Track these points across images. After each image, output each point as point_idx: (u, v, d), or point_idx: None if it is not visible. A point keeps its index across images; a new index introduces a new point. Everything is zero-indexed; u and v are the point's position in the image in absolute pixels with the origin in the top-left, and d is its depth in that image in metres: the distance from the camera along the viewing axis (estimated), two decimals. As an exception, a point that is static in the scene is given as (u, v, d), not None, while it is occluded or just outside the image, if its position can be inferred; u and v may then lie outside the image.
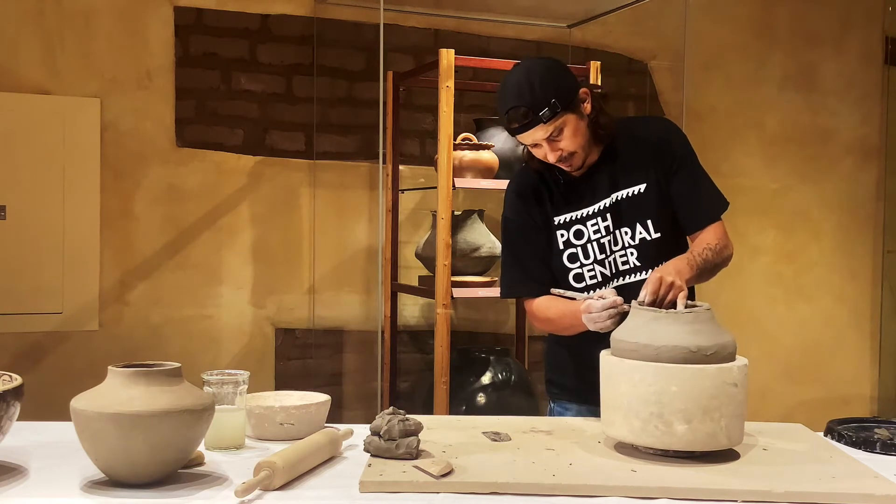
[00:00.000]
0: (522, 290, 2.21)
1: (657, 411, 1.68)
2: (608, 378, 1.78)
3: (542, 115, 1.99)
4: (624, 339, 1.77)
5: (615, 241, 2.12)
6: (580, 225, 2.14)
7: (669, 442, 1.69)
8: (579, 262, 2.15)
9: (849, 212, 4.67)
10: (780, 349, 4.57)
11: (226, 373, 1.85)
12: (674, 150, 2.13)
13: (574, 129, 2.04)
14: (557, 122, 2.01)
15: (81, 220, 3.61)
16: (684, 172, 2.12)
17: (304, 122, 3.92)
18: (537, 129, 2.01)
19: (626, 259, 2.11)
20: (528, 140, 2.05)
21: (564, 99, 2.01)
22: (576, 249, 2.15)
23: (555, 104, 2.00)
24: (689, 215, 2.12)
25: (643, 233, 2.10)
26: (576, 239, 2.15)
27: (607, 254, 2.13)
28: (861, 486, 1.58)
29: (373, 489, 1.55)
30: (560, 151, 2.05)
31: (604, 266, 2.13)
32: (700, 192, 2.13)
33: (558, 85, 2.02)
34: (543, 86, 2.00)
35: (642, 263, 2.10)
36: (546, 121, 2.00)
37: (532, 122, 2.00)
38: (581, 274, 2.15)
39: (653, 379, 1.69)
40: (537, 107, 1.99)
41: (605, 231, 2.12)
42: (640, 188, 2.10)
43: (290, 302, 3.93)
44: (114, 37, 3.66)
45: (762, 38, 4.57)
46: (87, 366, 3.46)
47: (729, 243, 2.10)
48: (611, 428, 1.77)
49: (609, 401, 1.77)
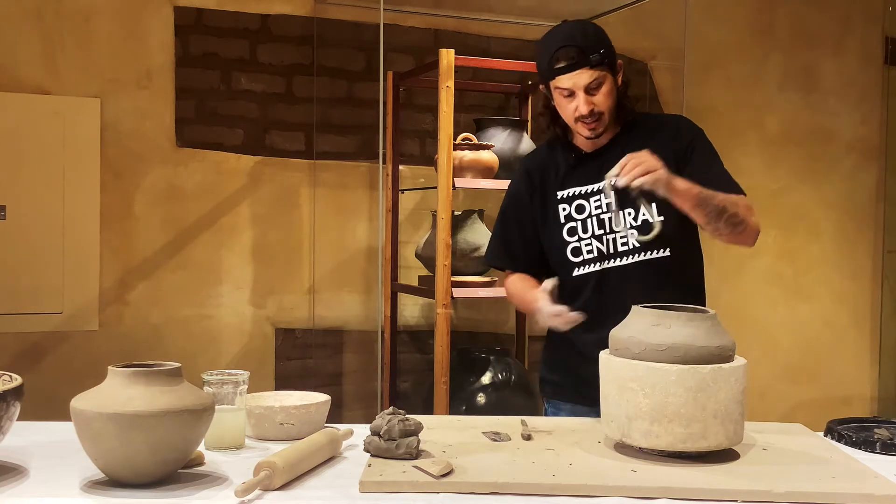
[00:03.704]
0: (499, 263, 2.36)
1: (657, 411, 1.68)
2: (608, 378, 1.78)
3: (592, 58, 2.06)
4: (624, 339, 1.77)
5: (617, 220, 2.13)
6: (583, 200, 2.17)
7: (669, 442, 1.69)
8: (577, 237, 2.17)
9: (849, 212, 4.67)
10: (780, 349, 4.57)
11: (226, 373, 1.85)
12: (690, 140, 2.16)
13: (609, 90, 2.11)
14: (601, 73, 2.08)
15: (81, 220, 3.61)
16: (698, 163, 2.13)
17: (304, 122, 3.92)
18: (583, 71, 2.06)
19: (627, 240, 2.13)
20: (569, 83, 2.08)
21: (610, 55, 2.10)
22: (576, 223, 2.17)
23: (603, 53, 2.07)
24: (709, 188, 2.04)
25: (646, 214, 2.10)
26: (577, 213, 2.18)
27: (606, 230, 2.15)
28: (861, 486, 1.58)
29: (373, 489, 1.55)
30: (593, 106, 2.09)
31: (601, 242, 2.15)
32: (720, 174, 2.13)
33: (607, 41, 2.12)
34: (596, 35, 2.10)
35: (641, 244, 2.11)
36: (593, 65, 2.06)
37: (580, 62, 2.06)
38: (578, 248, 2.17)
39: (653, 379, 1.69)
40: (589, 49, 2.06)
41: (607, 208, 2.14)
42: None
43: (290, 302, 3.93)
44: (114, 37, 3.66)
45: (762, 38, 4.57)
46: (87, 366, 3.45)
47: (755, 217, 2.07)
48: (611, 428, 1.77)
49: (609, 401, 1.77)
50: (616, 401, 1.74)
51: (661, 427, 1.68)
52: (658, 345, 1.71)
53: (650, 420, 1.69)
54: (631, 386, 1.71)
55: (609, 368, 1.78)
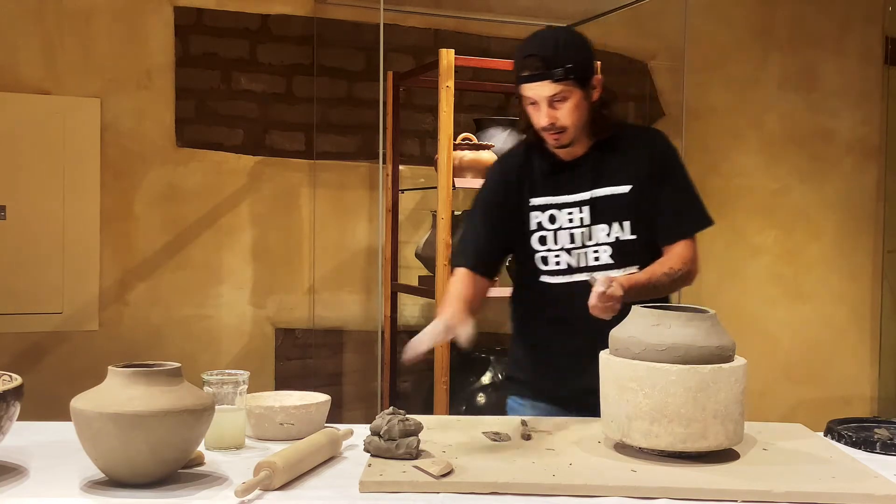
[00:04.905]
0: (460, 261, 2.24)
1: (657, 411, 1.68)
2: (609, 378, 1.78)
3: (555, 72, 2.02)
4: (624, 339, 1.77)
5: (590, 235, 2.12)
6: (555, 210, 2.15)
7: (669, 442, 1.69)
8: (547, 247, 2.16)
9: (849, 212, 4.67)
10: (780, 349, 4.57)
11: (226, 373, 1.85)
12: (664, 162, 2.14)
13: (575, 104, 2.06)
14: (564, 87, 2.03)
15: (81, 220, 3.61)
16: (669, 185, 2.13)
17: (304, 122, 3.92)
18: (544, 84, 2.03)
19: (599, 255, 2.12)
20: (532, 93, 2.06)
21: (579, 70, 2.05)
22: (546, 233, 2.16)
23: (569, 69, 2.03)
24: (664, 228, 2.13)
25: (619, 232, 2.10)
26: (549, 223, 2.16)
27: (578, 245, 2.13)
28: (861, 486, 1.58)
29: (373, 489, 1.55)
30: (555, 120, 2.06)
31: (570, 255, 2.14)
32: (678, 209, 2.14)
33: (579, 56, 2.06)
34: (566, 48, 2.05)
35: (615, 261, 2.11)
36: (556, 79, 2.02)
37: (543, 74, 2.02)
38: (546, 258, 2.16)
39: (653, 379, 1.69)
40: (554, 62, 2.02)
41: (579, 223, 2.13)
42: (623, 189, 2.11)
43: (290, 302, 3.93)
44: (114, 37, 3.66)
45: (762, 38, 4.57)
46: (87, 366, 3.44)
47: (694, 266, 2.11)
48: (611, 428, 1.77)
49: (609, 401, 1.77)
50: (616, 401, 1.74)
51: (661, 427, 1.68)
52: (658, 345, 1.71)
53: (650, 420, 1.69)
54: (631, 386, 1.71)
55: (609, 368, 1.78)
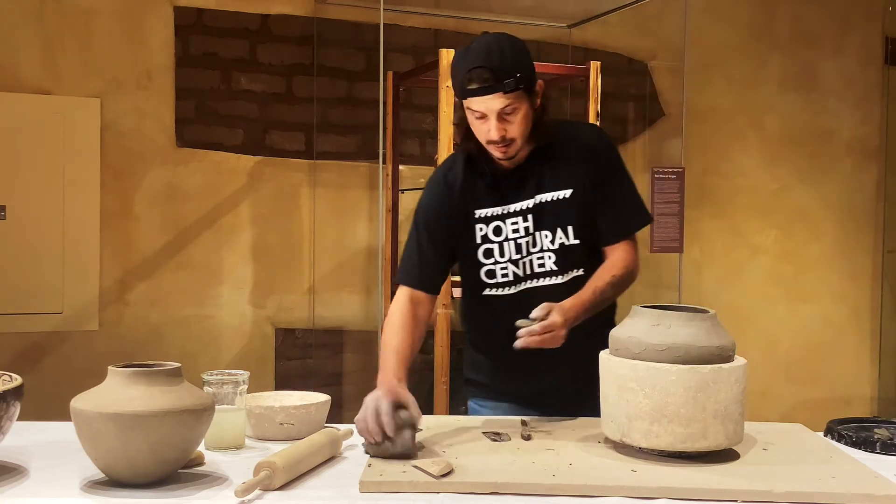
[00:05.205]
0: (407, 280, 2.17)
1: (657, 411, 1.68)
2: (608, 378, 1.78)
3: (506, 83, 1.94)
4: (624, 339, 1.77)
5: (534, 242, 2.09)
6: (500, 222, 2.11)
7: (669, 442, 1.69)
8: (494, 259, 2.11)
9: (849, 212, 4.67)
10: (780, 349, 4.57)
11: (226, 373, 1.85)
12: (603, 160, 2.11)
13: (524, 114, 2.00)
14: (514, 98, 1.96)
15: (81, 220, 3.61)
16: (608, 185, 2.10)
17: (304, 122, 3.92)
18: (496, 96, 1.95)
19: (544, 262, 2.09)
20: (481, 107, 1.98)
21: (527, 80, 1.98)
22: (492, 246, 2.11)
23: (519, 79, 1.96)
24: (604, 229, 2.10)
25: (563, 238, 2.07)
26: (494, 235, 2.11)
27: (523, 254, 2.10)
28: (861, 486, 1.58)
29: (373, 489, 1.55)
30: (505, 132, 2.00)
31: (517, 266, 2.10)
32: (618, 208, 2.11)
33: (526, 64, 1.99)
34: (514, 57, 1.97)
35: (559, 268, 2.08)
36: (506, 91, 1.95)
37: (494, 87, 1.94)
38: (493, 271, 2.11)
39: (653, 379, 1.68)
40: (504, 74, 1.94)
41: (524, 231, 2.09)
42: (565, 193, 2.08)
43: (290, 302, 3.93)
44: (114, 37, 3.66)
45: (762, 38, 4.57)
46: (87, 366, 3.45)
47: (635, 267, 2.10)
48: (611, 428, 1.77)
49: (609, 401, 1.77)
50: (616, 401, 1.74)
51: (661, 427, 1.68)
52: (658, 345, 1.71)
53: (650, 420, 1.68)
54: (631, 386, 1.71)
55: (609, 368, 1.78)
